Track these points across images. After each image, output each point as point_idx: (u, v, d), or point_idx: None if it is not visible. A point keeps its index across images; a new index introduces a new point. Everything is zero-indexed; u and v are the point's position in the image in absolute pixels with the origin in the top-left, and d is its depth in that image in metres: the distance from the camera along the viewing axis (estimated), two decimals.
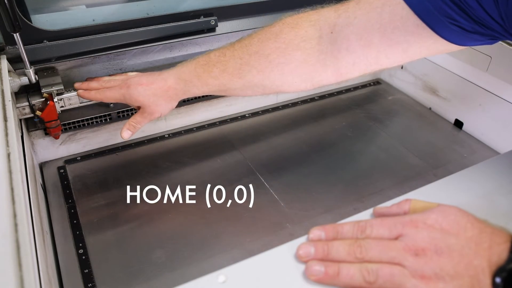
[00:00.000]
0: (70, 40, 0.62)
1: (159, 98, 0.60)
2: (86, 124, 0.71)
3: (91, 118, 0.71)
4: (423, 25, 0.44)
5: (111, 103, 0.71)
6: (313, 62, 0.53)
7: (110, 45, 0.65)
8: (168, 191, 0.64)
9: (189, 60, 0.60)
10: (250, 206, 0.62)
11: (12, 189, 0.38)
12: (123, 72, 0.72)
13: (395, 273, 0.35)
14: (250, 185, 0.66)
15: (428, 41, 0.46)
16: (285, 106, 0.87)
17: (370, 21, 0.48)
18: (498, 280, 0.33)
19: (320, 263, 0.38)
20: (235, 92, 0.59)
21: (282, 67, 0.54)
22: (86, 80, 0.66)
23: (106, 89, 0.62)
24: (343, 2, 0.52)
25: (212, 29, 0.72)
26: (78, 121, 0.70)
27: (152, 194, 0.64)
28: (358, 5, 0.49)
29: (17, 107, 0.61)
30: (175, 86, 0.59)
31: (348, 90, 0.94)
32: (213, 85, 0.57)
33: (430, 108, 0.88)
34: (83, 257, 0.54)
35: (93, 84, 0.64)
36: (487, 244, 0.35)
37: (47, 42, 0.61)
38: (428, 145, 0.77)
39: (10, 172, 0.40)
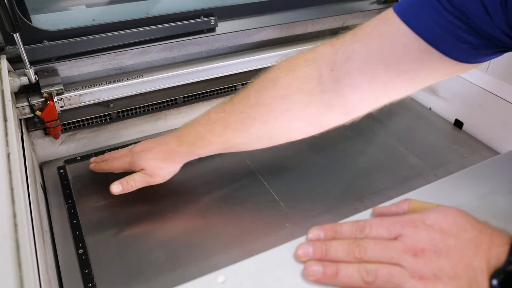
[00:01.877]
0: (70, 40, 0.62)
1: (160, 161, 0.58)
2: (86, 124, 0.71)
3: (91, 118, 0.71)
4: (429, 48, 0.41)
5: (111, 104, 0.71)
6: (317, 104, 0.49)
7: (110, 45, 0.65)
8: (168, 191, 0.64)
9: (189, 122, 0.59)
10: (250, 206, 0.62)
11: (12, 189, 0.38)
12: (123, 72, 0.72)
13: (393, 274, 0.35)
14: (250, 185, 0.66)
15: (436, 65, 0.43)
16: None
17: (369, 53, 0.45)
18: (495, 282, 0.33)
19: (319, 263, 0.38)
20: (242, 147, 0.56)
21: (286, 114, 0.51)
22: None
23: (114, 159, 0.62)
24: (338, 36, 0.48)
25: (212, 29, 0.72)
26: (78, 121, 0.70)
27: (152, 194, 0.64)
28: (354, 37, 0.46)
29: (17, 107, 0.61)
30: (177, 149, 0.58)
31: None
32: (217, 143, 0.56)
33: (430, 108, 0.88)
34: (83, 257, 0.54)
35: (104, 156, 0.65)
36: (486, 246, 0.35)
37: (47, 42, 0.61)
38: (428, 145, 0.77)
39: (10, 172, 0.40)
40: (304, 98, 0.49)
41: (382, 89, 0.46)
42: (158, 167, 0.59)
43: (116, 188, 0.59)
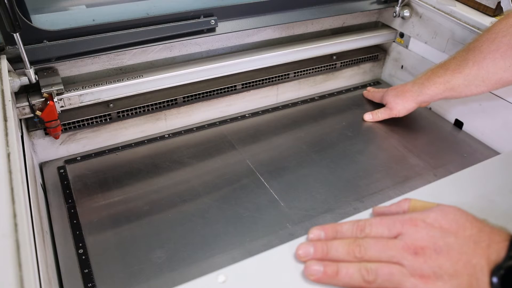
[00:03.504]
0: (70, 40, 0.62)
1: (397, 98, 0.76)
2: (86, 124, 0.71)
3: (91, 118, 0.71)
4: None
5: (111, 104, 0.71)
6: None
7: (110, 45, 0.65)
8: (168, 191, 0.64)
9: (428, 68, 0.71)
10: (250, 206, 0.62)
11: (12, 189, 0.38)
12: (123, 72, 0.72)
13: (394, 272, 0.35)
14: (250, 185, 0.66)
15: None
16: (285, 106, 0.87)
17: None
18: (495, 278, 0.33)
19: (319, 263, 0.38)
20: (459, 89, 0.66)
21: (493, 54, 0.59)
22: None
23: (375, 92, 0.88)
24: None
25: (212, 29, 0.72)
26: (78, 121, 0.70)
27: (152, 194, 0.64)
28: None
29: (17, 107, 0.61)
30: (411, 89, 0.73)
31: (348, 90, 0.94)
32: (439, 83, 0.67)
33: (430, 108, 0.88)
34: (83, 257, 0.54)
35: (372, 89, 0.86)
36: (486, 243, 0.35)
37: (47, 42, 0.61)
38: (428, 145, 0.77)
39: (10, 172, 0.40)
40: (510, 40, 0.57)
41: None
42: (395, 102, 0.76)
43: (368, 116, 0.81)
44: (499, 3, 0.74)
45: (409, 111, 0.76)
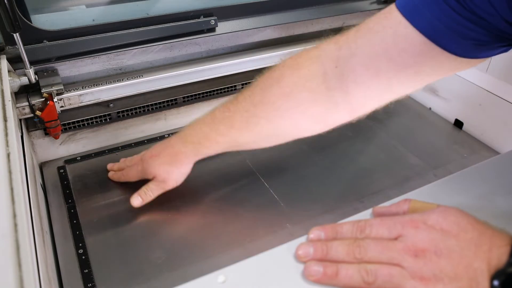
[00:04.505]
0: (70, 40, 0.62)
1: (169, 166, 0.58)
2: (86, 124, 0.71)
3: (91, 118, 0.71)
4: (431, 43, 0.41)
5: (111, 104, 0.71)
6: (322, 101, 0.49)
7: (110, 45, 0.65)
8: (168, 191, 0.64)
9: (194, 121, 0.58)
10: (250, 206, 0.62)
11: (12, 189, 0.38)
12: (123, 72, 0.72)
13: (394, 274, 0.35)
14: (250, 185, 0.66)
15: (439, 59, 0.42)
16: None
17: (373, 47, 0.44)
18: (496, 283, 0.33)
19: (319, 264, 0.38)
20: (249, 146, 0.56)
21: (291, 113, 0.50)
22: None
23: (128, 168, 0.64)
24: (342, 32, 0.48)
25: (212, 29, 0.72)
26: (78, 121, 0.70)
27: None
28: (358, 33, 0.46)
29: (17, 107, 0.61)
30: (183, 150, 0.57)
31: None
32: (223, 142, 0.55)
33: (430, 108, 0.88)
34: (83, 257, 0.54)
35: (120, 164, 0.67)
36: (487, 247, 0.35)
37: (47, 42, 0.61)
38: (428, 145, 0.77)
39: (10, 172, 0.40)
40: (309, 96, 0.49)
41: (387, 85, 0.46)
42: (168, 171, 0.59)
43: (136, 200, 0.59)
44: None
45: (186, 175, 0.61)
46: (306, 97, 0.49)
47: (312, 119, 0.51)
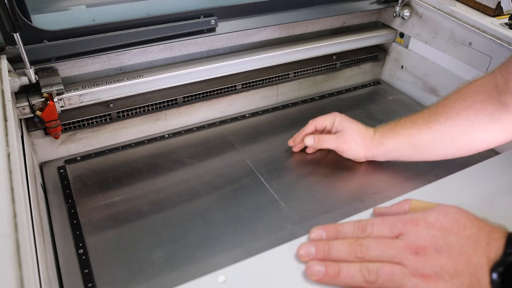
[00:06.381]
0: (70, 40, 0.62)
1: (357, 142, 0.65)
2: (86, 124, 0.71)
3: (91, 118, 0.71)
4: None
5: (111, 104, 0.71)
6: (495, 102, 0.55)
7: (110, 45, 0.65)
8: (168, 191, 0.64)
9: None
10: (250, 206, 0.62)
11: (12, 189, 0.38)
12: (123, 72, 0.72)
13: (395, 273, 0.35)
14: (250, 185, 0.66)
15: None
16: (285, 106, 0.87)
17: None
18: (494, 276, 0.33)
19: (321, 263, 0.38)
20: (423, 148, 0.61)
21: (467, 111, 0.57)
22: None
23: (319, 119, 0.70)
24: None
25: (212, 29, 0.72)
26: (78, 121, 0.70)
27: (152, 194, 0.64)
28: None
29: (17, 107, 0.61)
30: (372, 136, 0.65)
31: (348, 90, 0.94)
32: (403, 135, 0.62)
33: None
34: (83, 257, 0.54)
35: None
36: (486, 242, 0.35)
37: (47, 42, 0.61)
38: None
39: (10, 172, 0.40)
40: (483, 96, 0.56)
41: None
42: (353, 141, 0.66)
43: (310, 140, 0.68)
44: (499, 3, 0.74)
45: (351, 158, 0.68)
46: (481, 98, 0.56)
47: (487, 117, 0.55)
